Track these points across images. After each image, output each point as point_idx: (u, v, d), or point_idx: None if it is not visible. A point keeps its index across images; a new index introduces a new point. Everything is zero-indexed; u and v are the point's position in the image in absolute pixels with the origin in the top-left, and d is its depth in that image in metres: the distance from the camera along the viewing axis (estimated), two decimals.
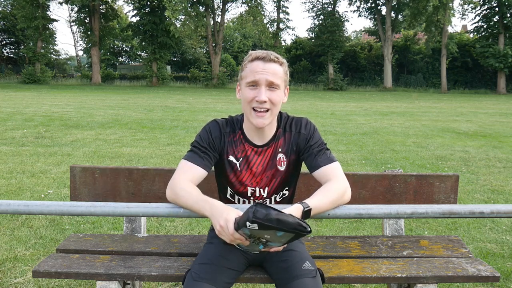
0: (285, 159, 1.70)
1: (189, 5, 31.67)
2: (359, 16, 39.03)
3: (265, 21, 35.71)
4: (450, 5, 31.47)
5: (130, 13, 39.12)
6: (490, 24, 33.66)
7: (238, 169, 1.69)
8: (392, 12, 35.21)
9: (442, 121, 12.31)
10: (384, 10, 35.88)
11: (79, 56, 49.91)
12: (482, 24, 34.38)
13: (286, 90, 1.68)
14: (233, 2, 35.49)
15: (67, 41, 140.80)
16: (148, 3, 33.79)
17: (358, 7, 38.00)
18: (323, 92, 31.56)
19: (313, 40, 37.84)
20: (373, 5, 36.81)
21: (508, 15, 32.47)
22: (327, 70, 35.64)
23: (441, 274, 1.76)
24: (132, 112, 13.07)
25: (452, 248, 2.04)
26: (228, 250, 1.65)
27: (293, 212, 1.40)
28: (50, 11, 52.50)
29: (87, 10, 34.09)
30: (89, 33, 34.56)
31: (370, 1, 36.82)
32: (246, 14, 35.41)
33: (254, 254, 1.70)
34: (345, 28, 41.08)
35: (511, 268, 2.85)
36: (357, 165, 6.10)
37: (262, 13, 35.21)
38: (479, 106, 19.26)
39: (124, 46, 48.12)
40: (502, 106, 19.25)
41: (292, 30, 54.01)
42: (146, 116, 12.05)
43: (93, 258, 1.88)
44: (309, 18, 67.28)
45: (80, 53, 49.24)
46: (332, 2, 36.64)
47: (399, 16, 36.44)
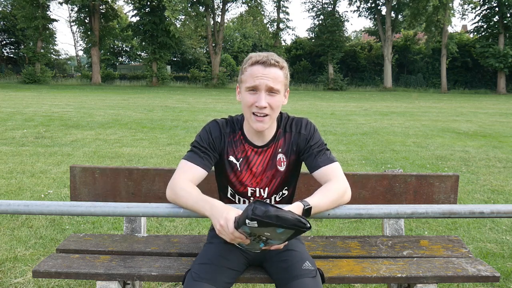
0: (285, 160, 1.70)
1: (189, 5, 31.66)
2: (359, 16, 39.07)
3: (265, 21, 35.72)
4: (450, 5, 31.46)
5: (130, 13, 39.18)
6: (490, 24, 33.66)
7: (238, 169, 1.69)
8: (392, 12, 35.20)
9: (442, 121, 12.31)
10: (384, 10, 35.89)
11: (79, 56, 49.91)
12: (482, 24, 34.38)
13: (287, 92, 1.67)
14: (233, 2, 35.49)
15: (67, 41, 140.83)
16: (148, 3, 33.81)
17: (358, 7, 38.03)
18: (323, 92, 31.55)
19: (313, 40, 37.84)
20: (373, 5, 36.81)
21: (508, 15, 32.46)
22: (327, 70, 35.64)
23: (441, 274, 1.76)
24: (132, 112, 13.07)
25: (452, 248, 2.04)
26: (228, 250, 1.65)
27: (293, 210, 1.40)
28: (50, 11, 52.54)
29: (87, 10, 34.09)
30: (89, 33, 34.58)
31: (370, 1, 36.81)
32: (246, 14, 35.38)
33: (254, 254, 1.69)
34: (345, 28, 41.15)
35: (511, 268, 2.85)
36: (357, 165, 6.10)
37: (262, 13, 35.21)
38: (479, 106, 19.26)
39: (124, 46, 48.12)
40: (502, 106, 19.25)
41: (292, 30, 54.13)
42: (146, 116, 12.04)
43: (93, 258, 1.88)
44: (309, 18, 67.18)
45: (80, 53, 49.34)
46: (332, 2, 36.65)
47: (399, 16, 36.44)
